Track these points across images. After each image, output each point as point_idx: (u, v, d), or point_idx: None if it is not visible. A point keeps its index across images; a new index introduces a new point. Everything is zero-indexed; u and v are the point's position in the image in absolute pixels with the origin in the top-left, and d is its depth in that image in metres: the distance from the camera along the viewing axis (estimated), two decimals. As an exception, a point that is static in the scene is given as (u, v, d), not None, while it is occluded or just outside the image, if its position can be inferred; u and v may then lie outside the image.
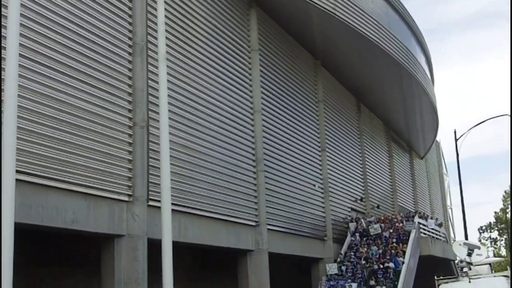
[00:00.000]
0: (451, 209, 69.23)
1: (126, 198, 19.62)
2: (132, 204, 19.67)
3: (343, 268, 31.81)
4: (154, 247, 16.20)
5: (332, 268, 31.03)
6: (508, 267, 32.49)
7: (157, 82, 15.21)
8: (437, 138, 60.61)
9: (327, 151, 36.72)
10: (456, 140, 34.18)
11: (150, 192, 20.06)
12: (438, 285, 17.05)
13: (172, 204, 14.36)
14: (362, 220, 36.98)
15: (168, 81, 15.67)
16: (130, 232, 19.39)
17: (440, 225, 44.65)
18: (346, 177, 39.58)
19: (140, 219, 19.61)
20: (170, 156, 14.77)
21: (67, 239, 20.39)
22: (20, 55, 15.16)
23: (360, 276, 30.61)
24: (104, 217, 18.75)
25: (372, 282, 29.77)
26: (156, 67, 15.55)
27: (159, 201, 14.87)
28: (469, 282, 15.57)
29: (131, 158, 20.04)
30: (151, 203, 19.83)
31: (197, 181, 23.57)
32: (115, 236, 19.17)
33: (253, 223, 27.46)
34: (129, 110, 20.26)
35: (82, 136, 18.25)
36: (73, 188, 17.68)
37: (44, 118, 16.91)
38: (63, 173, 17.32)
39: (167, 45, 17.29)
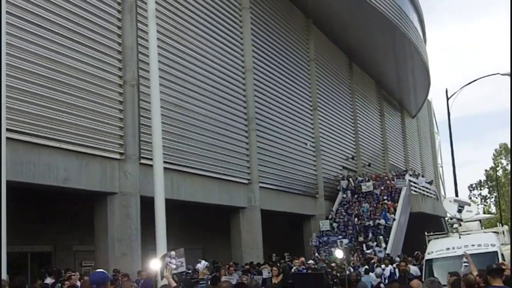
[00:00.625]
0: (442, 167, 69.80)
1: (118, 156, 19.66)
2: (124, 162, 19.71)
3: (335, 225, 32.15)
4: (147, 204, 16.27)
5: (324, 225, 31.38)
6: (498, 223, 32.78)
7: (147, 40, 15.01)
8: (429, 97, 60.72)
9: (319, 110, 36.68)
10: (447, 99, 34.06)
11: (142, 150, 20.07)
12: (428, 241, 17.16)
13: (164, 162, 14.39)
14: (351, 179, 37.14)
15: (158, 39, 15.48)
16: (123, 190, 19.48)
17: (430, 182, 45.03)
18: (337, 136, 39.65)
19: (132, 177, 19.68)
20: (161, 114, 14.73)
21: (61, 197, 20.46)
22: (9, 13, 15.05)
23: (351, 232, 30.95)
24: (96, 175, 18.81)
25: (360, 238, 30.07)
26: (146, 25, 15.31)
27: (151, 159, 14.93)
28: (459, 238, 15.64)
29: (122, 117, 20.00)
30: (143, 161, 19.87)
31: (189, 140, 23.58)
32: (107, 193, 19.27)
33: (245, 181, 27.60)
34: (119, 69, 20.13)
35: (73, 94, 18.18)
36: (65, 147, 17.70)
37: (35, 76, 16.81)
38: (55, 132, 17.31)
39: (156, 2, 17.12)
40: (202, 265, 10.02)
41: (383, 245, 28.17)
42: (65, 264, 20.68)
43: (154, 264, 10.10)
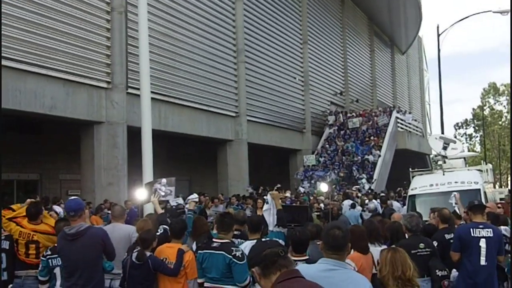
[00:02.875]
0: (429, 104, 70.05)
1: (105, 85, 19.51)
2: (111, 91, 19.58)
3: (321, 159, 32.42)
4: (134, 134, 16.28)
5: (310, 160, 31.62)
6: (482, 161, 33.20)
7: (135, -35, 14.69)
8: (420, 34, 60.15)
9: (309, 43, 36.33)
10: (438, 35, 33.81)
11: (129, 80, 19.91)
12: (412, 177, 17.39)
13: (152, 92, 14.31)
14: (341, 115, 37.22)
15: (147, -36, 15.09)
16: (110, 119, 19.43)
17: (417, 120, 45.24)
18: (326, 71, 39.44)
19: (119, 106, 19.59)
20: (149, 43, 14.55)
21: (47, 125, 20.41)
22: None
23: (337, 167, 31.23)
24: (83, 104, 18.70)
25: (341, 174, 30.33)
26: (134, -51, 14.95)
27: (138, 88, 14.83)
28: (443, 174, 15.85)
29: (109, 45, 19.73)
30: (130, 90, 19.74)
31: (177, 70, 23.39)
32: (94, 122, 19.21)
33: (233, 114, 27.60)
34: (107, -5, 19.74)
35: (60, 20, 17.85)
36: (52, 74, 17.52)
37: (21, 1, 16.44)
38: (42, 58, 17.08)
39: None
40: (193, 196, 10.07)
41: (366, 184, 28.40)
42: (51, 192, 20.83)
43: (140, 193, 10.15)
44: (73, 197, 7.35)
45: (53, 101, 17.51)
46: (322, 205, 18.84)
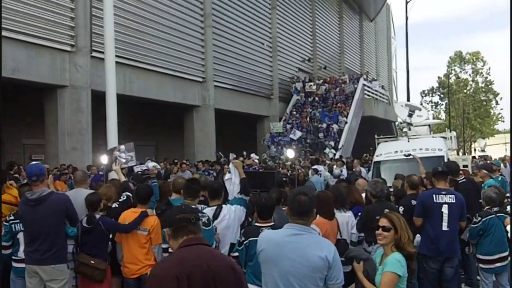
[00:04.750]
0: (396, 72, 70.45)
1: (68, 48, 19.13)
2: (75, 55, 19.22)
3: (288, 126, 32.46)
4: (99, 99, 16.03)
5: (276, 127, 31.61)
6: (447, 129, 33.66)
7: None
8: (388, 1, 60.21)
9: (277, 9, 36.05)
10: (406, 2, 33.96)
11: (93, 43, 19.55)
12: (378, 144, 17.56)
13: (117, 56, 14.07)
14: (307, 84, 37.19)
15: None
16: (73, 83, 19.11)
17: (383, 87, 45.50)
18: (295, 37, 39.28)
19: (83, 70, 19.27)
20: (114, 6, 14.20)
21: (9, 88, 19.96)
22: None
23: (304, 133, 31.29)
24: (46, 67, 18.33)
25: (308, 141, 30.45)
26: None
27: (102, 52, 14.52)
28: (408, 141, 16.02)
29: (73, 7, 19.30)
30: (94, 54, 19.41)
31: (143, 34, 23.03)
32: (57, 86, 18.88)
33: (200, 79, 27.38)
34: (70, -46, 19.21)
35: (21, -19, 17.39)
36: (13, 36, 17.11)
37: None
38: (3, 20, 16.56)
39: None
40: (151, 164, 9.99)
41: (332, 151, 28.54)
42: (14, 157, 20.46)
43: (104, 159, 10.03)
44: (34, 162, 7.22)
45: (15, 63, 17.12)
46: (288, 171, 18.93)
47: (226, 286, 3.39)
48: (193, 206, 6.70)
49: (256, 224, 6.08)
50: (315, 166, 18.89)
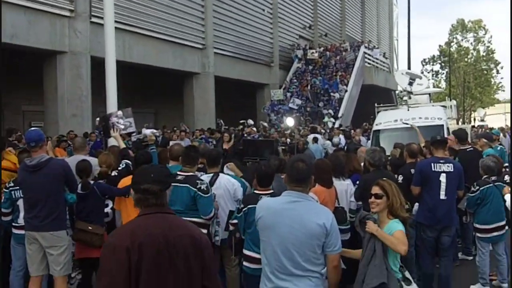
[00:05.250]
0: (397, 40, 69.97)
1: (67, 14, 18.99)
2: (74, 20, 19.08)
3: (288, 94, 32.36)
4: (98, 65, 15.94)
5: (277, 94, 31.48)
6: (447, 98, 33.61)
7: None
8: (391, -32, 59.60)
9: (278, -25, 35.66)
10: (409, -31, 33.56)
11: (92, 8, 19.39)
12: (378, 113, 17.51)
13: (116, 22, 13.94)
14: (309, 51, 36.94)
15: None
16: (73, 49, 19.02)
17: (384, 55, 45.25)
18: (295, 3, 38.85)
19: (82, 35, 19.15)
20: (113, -30, 14.06)
21: (8, 54, 19.84)
22: None
23: (303, 101, 31.24)
24: (45, 33, 18.21)
25: (307, 109, 30.40)
26: None
27: (102, 17, 14.40)
28: (408, 110, 15.96)
29: (72, -29, 19.09)
30: (94, 19, 19.26)
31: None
32: (57, 52, 18.79)
33: (200, 46, 27.21)
34: None
35: None
36: (12, 1, 16.95)
37: None
38: (-1, -16, 16.44)
39: None
40: (149, 131, 9.92)
41: (331, 120, 28.47)
42: (13, 124, 20.44)
43: (98, 122, 10.00)
44: (33, 128, 7.20)
45: (14, 29, 17.00)
46: (288, 139, 18.96)
47: (183, 257, 3.26)
48: (192, 174, 6.74)
49: (256, 191, 6.11)
50: (314, 135, 18.92)
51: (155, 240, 3.20)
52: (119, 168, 7.55)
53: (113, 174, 7.55)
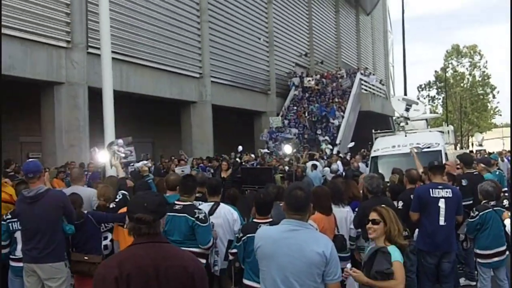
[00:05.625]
0: (393, 66, 70.34)
1: (64, 44, 19.11)
2: (71, 51, 19.20)
3: (285, 121, 32.46)
4: (95, 95, 16.00)
5: (275, 121, 31.52)
6: (444, 123, 33.69)
7: None
8: (385, -5, 60.26)
9: (273, 3, 36.01)
10: (403, -4, 33.93)
11: (89, 39, 19.51)
12: (375, 139, 17.55)
13: (113, 52, 14.02)
14: (305, 78, 37.12)
15: None
16: (70, 80, 19.10)
17: (381, 82, 45.49)
18: (291, 32, 39.23)
19: (79, 66, 19.25)
20: (110, 1, 14.20)
21: (6, 85, 19.91)
22: None
23: (301, 129, 31.31)
24: (42, 63, 18.31)
25: (305, 136, 30.44)
26: None
27: (99, 48, 14.50)
28: (405, 136, 15.99)
29: (69, 2, 19.28)
30: (90, 50, 19.37)
31: (139, 30, 23.00)
32: (54, 83, 18.87)
33: (197, 75, 27.35)
34: (66, -49, 19.16)
35: (17, -22, 17.37)
36: (9, 32, 17.06)
37: (-28, -45, 15.85)
38: (-3, 16, 16.58)
39: None
40: (140, 164, 9.90)
41: (328, 147, 28.47)
42: (11, 155, 20.44)
43: (102, 156, 9.96)
44: (31, 159, 7.20)
45: (11, 60, 17.10)
46: (286, 167, 18.95)
47: None
48: (190, 203, 6.71)
49: (255, 220, 6.09)
50: (313, 162, 18.92)
51: (144, 271, 3.17)
52: (116, 200, 7.53)
53: (111, 206, 7.52)
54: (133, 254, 3.25)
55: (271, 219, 5.99)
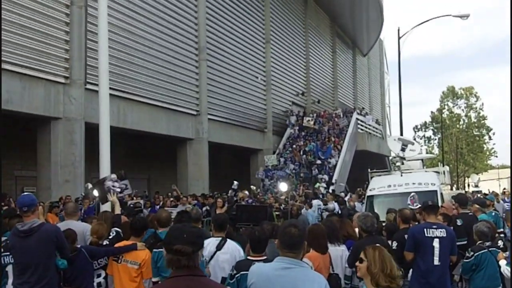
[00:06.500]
0: (389, 107, 70.88)
1: (62, 80, 19.25)
2: (69, 87, 19.34)
3: (281, 160, 32.49)
4: (92, 131, 16.05)
5: (271, 160, 31.53)
6: (440, 164, 33.86)
7: (96, -41, 14.47)
8: (381, 37, 60.97)
9: (271, 43, 36.44)
10: (399, 38, 34.34)
11: (87, 76, 19.69)
12: (371, 178, 17.57)
13: (111, 88, 14.16)
14: (305, 118, 37.25)
15: (108, -42, 14.91)
16: (67, 115, 19.18)
17: (377, 122, 45.78)
18: (289, 71, 39.61)
19: (77, 102, 19.36)
20: (109, 39, 14.34)
21: (2, 119, 19.97)
22: None
23: (297, 167, 31.33)
24: (40, 99, 18.41)
25: (301, 174, 30.44)
26: None
27: (97, 84, 14.61)
28: (401, 175, 16.02)
29: (68, 39, 19.49)
30: (88, 86, 19.53)
31: (137, 67, 23.20)
32: (51, 118, 18.93)
33: (194, 112, 27.49)
34: (67, -11, 19.46)
35: (18, 13, 17.61)
36: (8, 68, 17.20)
37: (-26, -9, 16.08)
38: (-4, 51, 16.73)
39: None
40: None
41: (323, 185, 28.44)
42: (5, 189, 20.38)
43: (96, 192, 9.92)
44: (25, 193, 7.19)
45: (9, 95, 17.18)
46: (282, 205, 18.90)
47: None
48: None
49: (249, 257, 6.05)
50: (313, 201, 18.93)
51: None
52: (110, 237, 7.48)
53: (104, 243, 7.47)
54: (172, 287, 3.26)
55: (265, 257, 5.97)
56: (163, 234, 7.01)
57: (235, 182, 23.50)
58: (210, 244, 6.80)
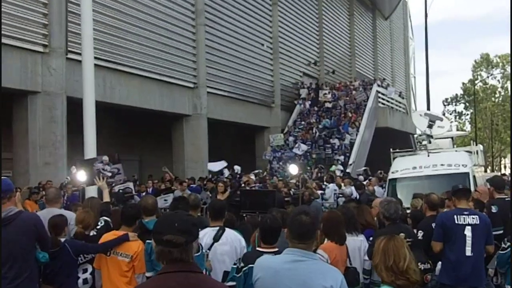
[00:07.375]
0: (415, 77, 70.44)
1: (41, 49, 19.23)
2: (48, 56, 19.32)
3: (291, 139, 32.33)
4: (75, 107, 16.07)
5: (276, 139, 31.38)
6: (472, 142, 33.65)
7: None
8: (405, -3, 60.70)
9: (279, 5, 36.24)
10: (426, -1, 34.12)
11: (69, 43, 19.65)
12: (393, 159, 17.53)
13: (96, 58, 14.20)
14: (320, 91, 37.12)
15: None
16: (46, 89, 19.18)
17: (400, 95, 45.62)
18: (299, 37, 39.40)
19: (57, 73, 19.35)
20: (93, 1, 14.35)
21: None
22: None
23: (309, 147, 31.22)
24: (15, 70, 18.41)
25: (313, 155, 30.37)
26: None
27: (79, 53, 14.63)
28: (428, 156, 15.97)
29: (46, 2, 19.45)
30: (70, 55, 19.51)
31: (126, 33, 23.13)
32: (28, 92, 18.95)
33: (191, 85, 27.44)
34: None
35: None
36: (-23, 35, 17.17)
37: None
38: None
39: None
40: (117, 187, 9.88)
41: (339, 168, 28.40)
42: (-22, 172, 20.48)
43: (81, 176, 9.92)
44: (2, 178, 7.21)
45: (-20, 67, 17.19)
46: (292, 190, 18.93)
47: None
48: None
49: (259, 249, 6.00)
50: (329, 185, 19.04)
51: None
52: (98, 227, 7.49)
53: (91, 234, 7.47)
54: (162, 284, 3.22)
55: (277, 249, 5.94)
56: (151, 223, 7.01)
57: (237, 167, 23.53)
58: (206, 235, 6.82)
